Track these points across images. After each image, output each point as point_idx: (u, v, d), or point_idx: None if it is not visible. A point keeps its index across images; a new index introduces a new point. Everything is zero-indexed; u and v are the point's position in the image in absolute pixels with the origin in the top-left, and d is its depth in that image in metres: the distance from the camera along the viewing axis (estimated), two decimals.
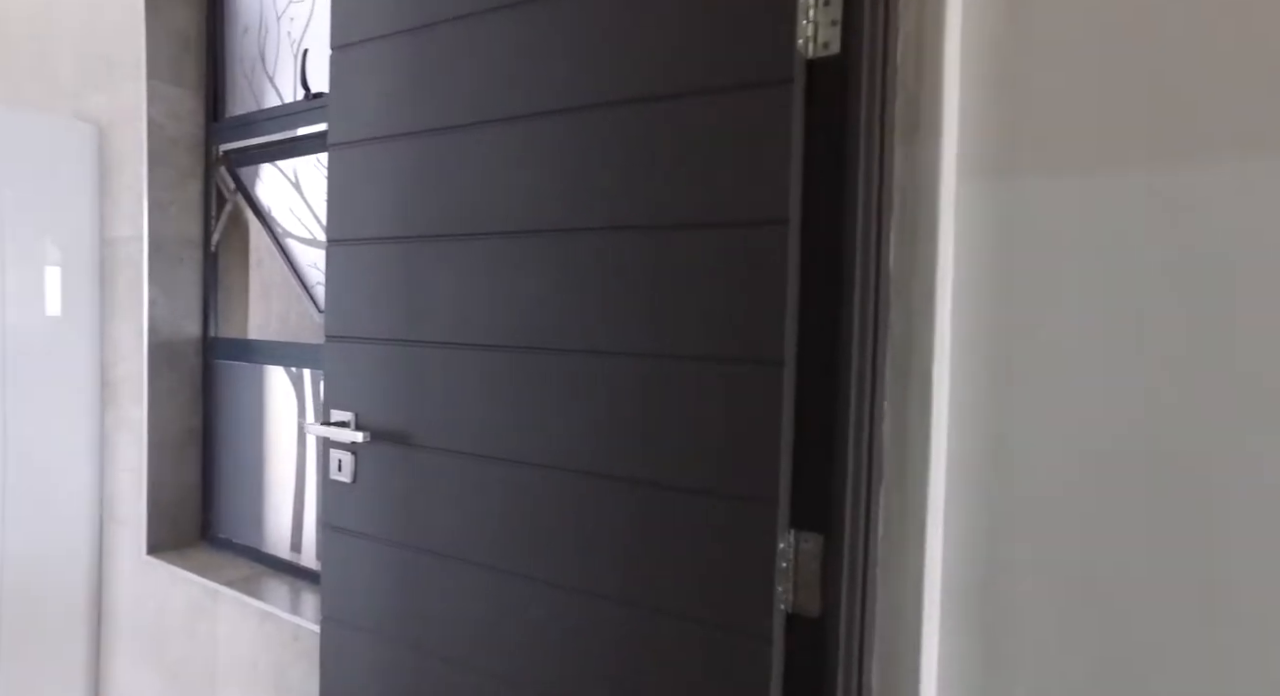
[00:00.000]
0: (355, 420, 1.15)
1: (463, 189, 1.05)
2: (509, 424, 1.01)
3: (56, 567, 1.83)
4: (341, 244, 1.18)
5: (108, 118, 1.86)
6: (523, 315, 0.99)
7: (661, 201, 0.89)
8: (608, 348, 0.92)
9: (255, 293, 1.94)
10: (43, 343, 1.79)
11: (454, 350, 1.05)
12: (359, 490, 1.16)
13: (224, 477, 1.88)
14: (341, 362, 1.17)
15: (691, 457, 0.88)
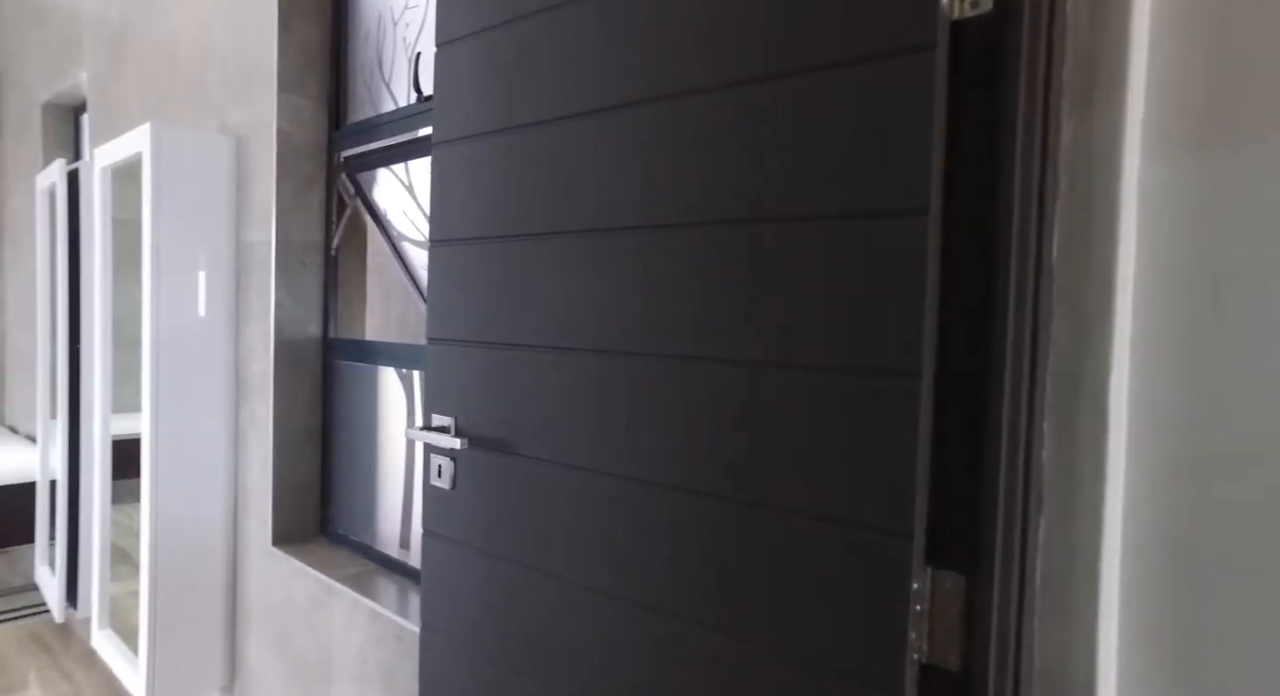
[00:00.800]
0: (455, 425, 1.12)
1: (559, 185, 1.00)
2: (606, 434, 0.95)
3: (200, 550, 1.96)
4: (443, 244, 1.16)
5: (245, 130, 1.97)
6: (619, 317, 0.93)
7: (777, 192, 0.80)
8: (712, 354, 0.84)
9: (375, 295, 2.00)
10: (192, 342, 1.91)
11: (551, 354, 1.00)
12: (457, 497, 1.13)
13: (341, 475, 1.95)
14: (442, 366, 1.15)
15: (809, 480, 0.78)
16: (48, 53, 3.43)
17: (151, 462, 1.86)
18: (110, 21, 2.73)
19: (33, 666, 2.42)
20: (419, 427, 1.12)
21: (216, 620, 2.00)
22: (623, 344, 0.93)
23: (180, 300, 1.90)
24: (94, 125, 2.86)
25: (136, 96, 2.52)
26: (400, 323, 2.05)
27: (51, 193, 2.56)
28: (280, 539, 1.89)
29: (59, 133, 3.53)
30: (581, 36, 0.97)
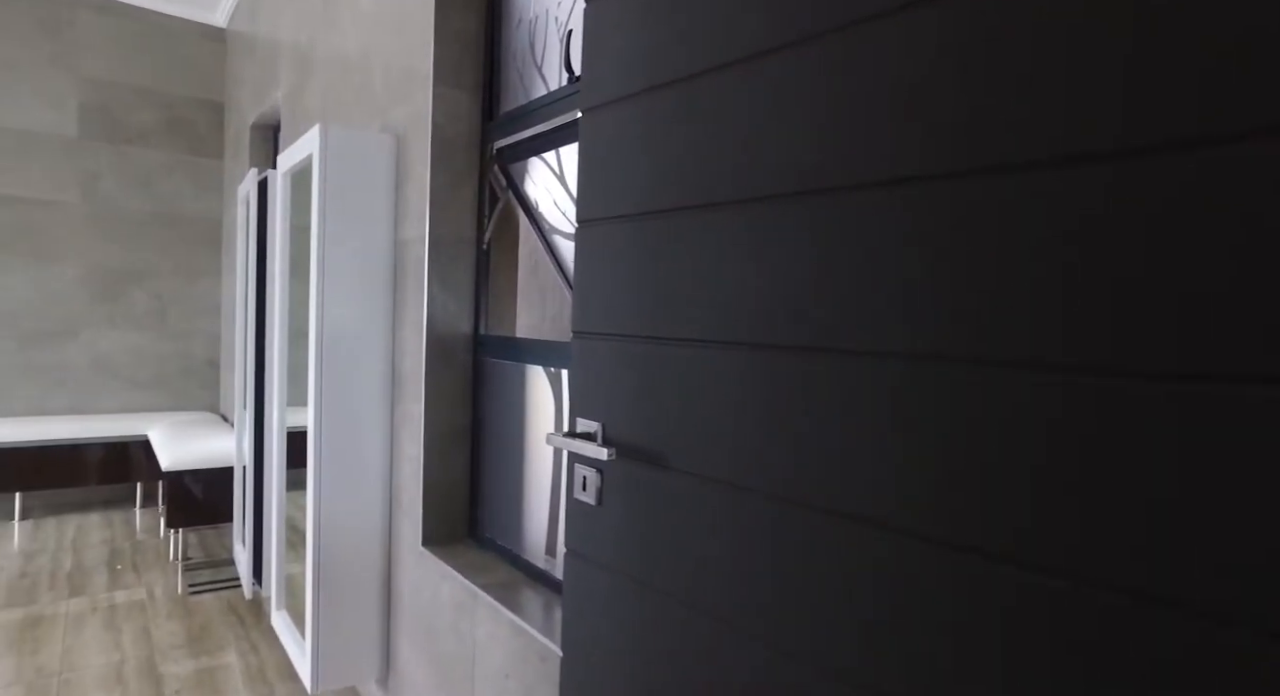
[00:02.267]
0: (601, 432, 0.96)
1: (733, 143, 0.80)
2: (790, 452, 0.74)
3: (358, 544, 1.98)
4: (591, 224, 1.00)
5: (404, 127, 1.97)
6: (812, 303, 0.71)
7: (1062, 123, 0.55)
8: (964, 354, 0.60)
9: (525, 290, 1.92)
10: (353, 339, 1.94)
11: (717, 350, 0.81)
12: (604, 514, 0.97)
13: (489, 477, 1.88)
14: (588, 363, 0.99)
15: (1125, 539, 0.52)
16: (255, 79, 3.78)
17: (315, 457, 1.90)
18: (300, 43, 2.92)
19: (230, 635, 2.61)
20: (563, 433, 0.97)
21: (373, 613, 2.02)
22: (806, 337, 0.72)
23: (343, 298, 1.93)
24: (284, 138, 3.08)
25: (318, 108, 2.66)
26: (555, 320, 1.96)
27: (247, 200, 2.77)
28: (429, 539, 1.86)
29: (262, 149, 3.89)
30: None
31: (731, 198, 0.79)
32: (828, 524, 0.70)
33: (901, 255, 0.64)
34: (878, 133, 0.66)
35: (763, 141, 0.77)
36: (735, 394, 0.79)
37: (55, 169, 4.15)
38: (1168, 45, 0.50)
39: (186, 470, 3.13)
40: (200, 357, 4.62)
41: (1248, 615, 0.46)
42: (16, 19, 4.01)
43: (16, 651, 2.46)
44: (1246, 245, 0.47)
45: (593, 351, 0.98)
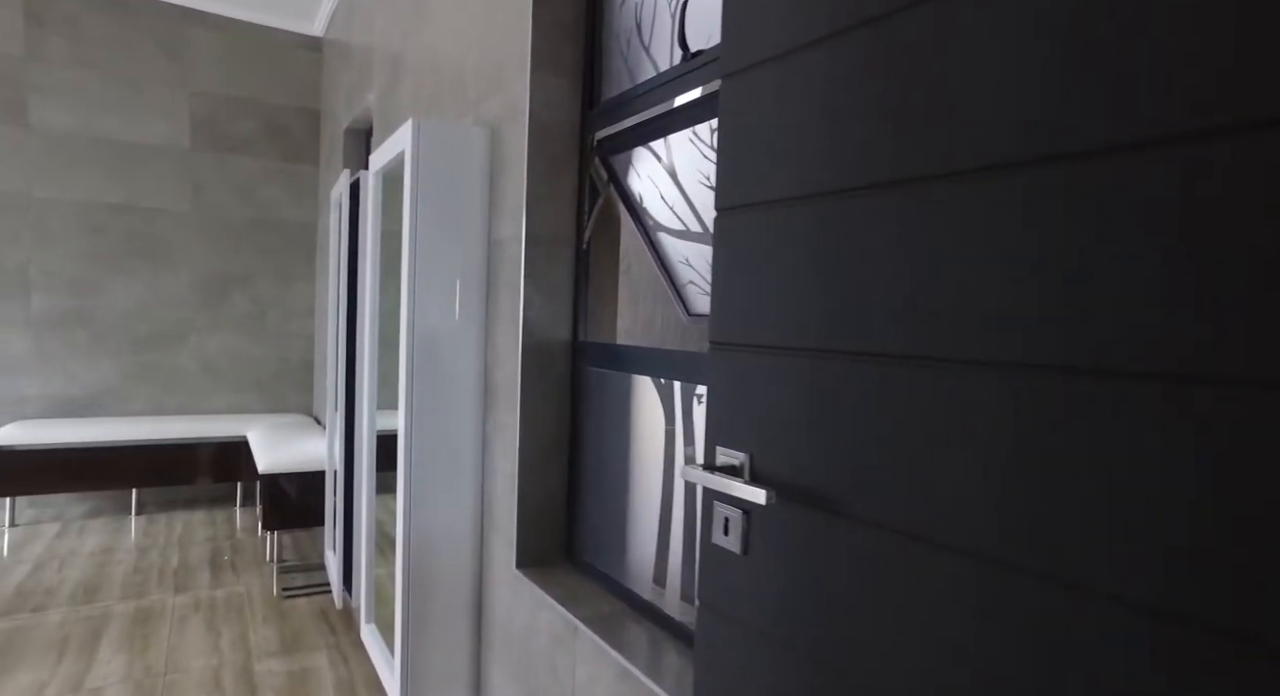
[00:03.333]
0: (749, 465, 0.79)
1: (976, 89, 0.61)
2: (1030, 504, 0.54)
3: (450, 562, 1.88)
4: (737, 212, 0.83)
5: (498, 119, 1.85)
6: (1111, 305, 0.51)
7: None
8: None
9: (631, 294, 1.76)
10: (445, 343, 1.84)
11: (928, 369, 0.62)
12: (751, 565, 0.79)
13: (588, 495, 1.74)
14: (732, 380, 0.82)
15: None
16: (349, 84, 3.80)
17: (405, 470, 1.80)
18: (392, 44, 2.88)
19: (322, 643, 2.58)
20: (700, 466, 0.80)
21: (464, 635, 1.91)
22: (1055, 353, 0.52)
23: (434, 301, 1.83)
24: (376, 140, 3.06)
25: (408, 107, 2.60)
26: (647, 325, 1.80)
27: (339, 203, 2.75)
28: (524, 560, 1.73)
29: (355, 154, 3.91)
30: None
31: (973, 164, 0.59)
32: (1078, 606, 0.50)
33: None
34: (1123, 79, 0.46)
35: (1021, 86, 0.57)
36: (953, 427, 0.60)
37: (169, 179, 4.32)
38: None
39: (281, 473, 3.15)
40: (295, 360, 4.73)
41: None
42: (140, 40, 4.20)
43: (128, 648, 2.49)
44: None
45: (739, 366, 0.81)
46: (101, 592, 2.99)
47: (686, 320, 1.66)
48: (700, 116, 1.44)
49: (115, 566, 3.28)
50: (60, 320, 4.12)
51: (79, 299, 4.15)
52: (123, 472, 3.89)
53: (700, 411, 1.39)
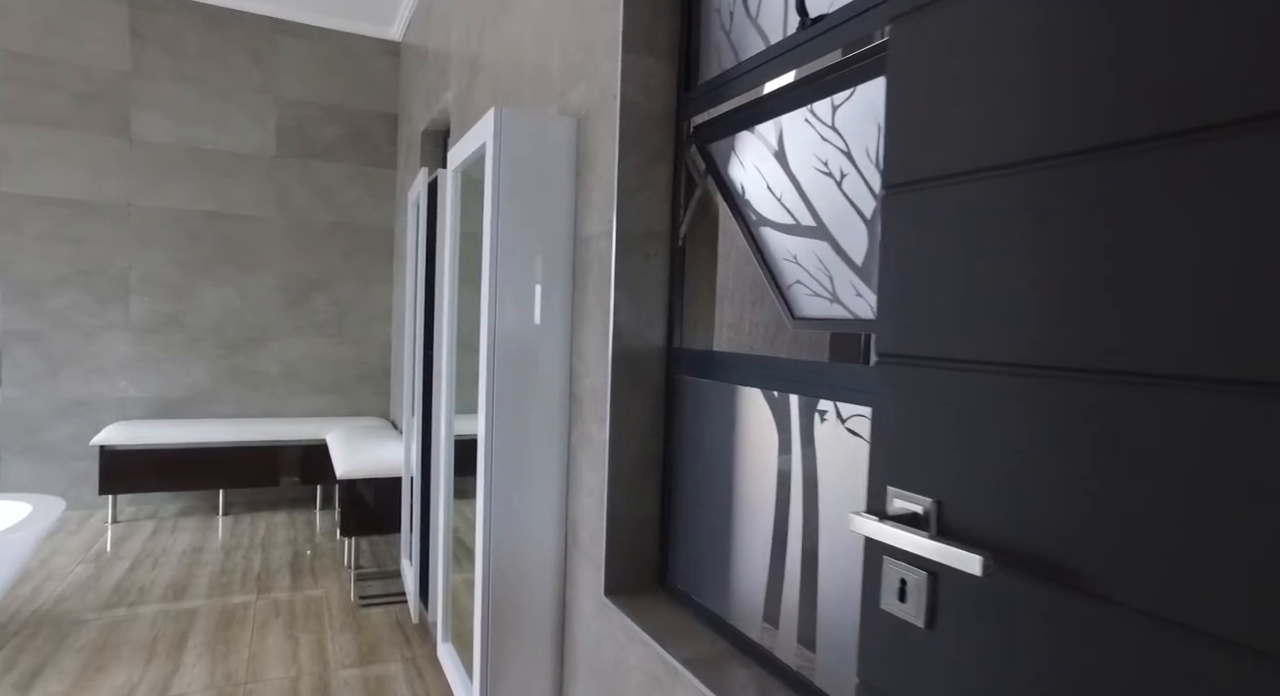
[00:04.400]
0: (936, 515, 0.60)
1: None
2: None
3: (531, 584, 1.75)
4: (919, 189, 0.65)
5: (585, 107, 1.72)
6: None
7: None
8: None
9: (731, 295, 1.60)
10: (528, 348, 1.71)
11: (1235, 396, 0.43)
12: (938, 643, 0.61)
13: (684, 517, 1.57)
14: (912, 403, 0.64)
15: None
16: (426, 86, 3.78)
17: (485, 484, 1.68)
18: (470, 39, 2.80)
19: (398, 656, 2.51)
20: (870, 514, 0.62)
21: (546, 662, 1.77)
22: None
23: (516, 302, 1.71)
24: (453, 138, 2.99)
25: (486, 102, 2.51)
26: (733, 329, 1.63)
27: (417, 203, 2.68)
28: (613, 587, 1.58)
29: (432, 156, 3.89)
30: None
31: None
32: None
33: None
34: None
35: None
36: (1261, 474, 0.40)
37: (257, 186, 4.42)
38: None
39: (359, 478, 3.12)
40: (374, 364, 4.76)
41: None
42: (233, 51, 4.31)
43: (211, 653, 2.49)
44: None
45: (923, 386, 0.63)
46: (189, 592, 3.02)
47: (792, 325, 1.48)
48: (821, 92, 1.25)
49: (202, 567, 3.33)
50: (157, 324, 4.26)
51: (174, 303, 4.29)
52: (212, 473, 3.97)
53: (825, 431, 1.20)
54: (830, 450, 1.20)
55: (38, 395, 4.04)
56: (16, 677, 2.29)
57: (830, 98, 1.25)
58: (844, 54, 1.22)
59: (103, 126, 4.09)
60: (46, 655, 2.44)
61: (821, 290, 1.38)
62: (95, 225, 4.11)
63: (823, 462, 1.21)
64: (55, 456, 4.08)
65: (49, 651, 2.47)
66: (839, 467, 1.18)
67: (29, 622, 2.69)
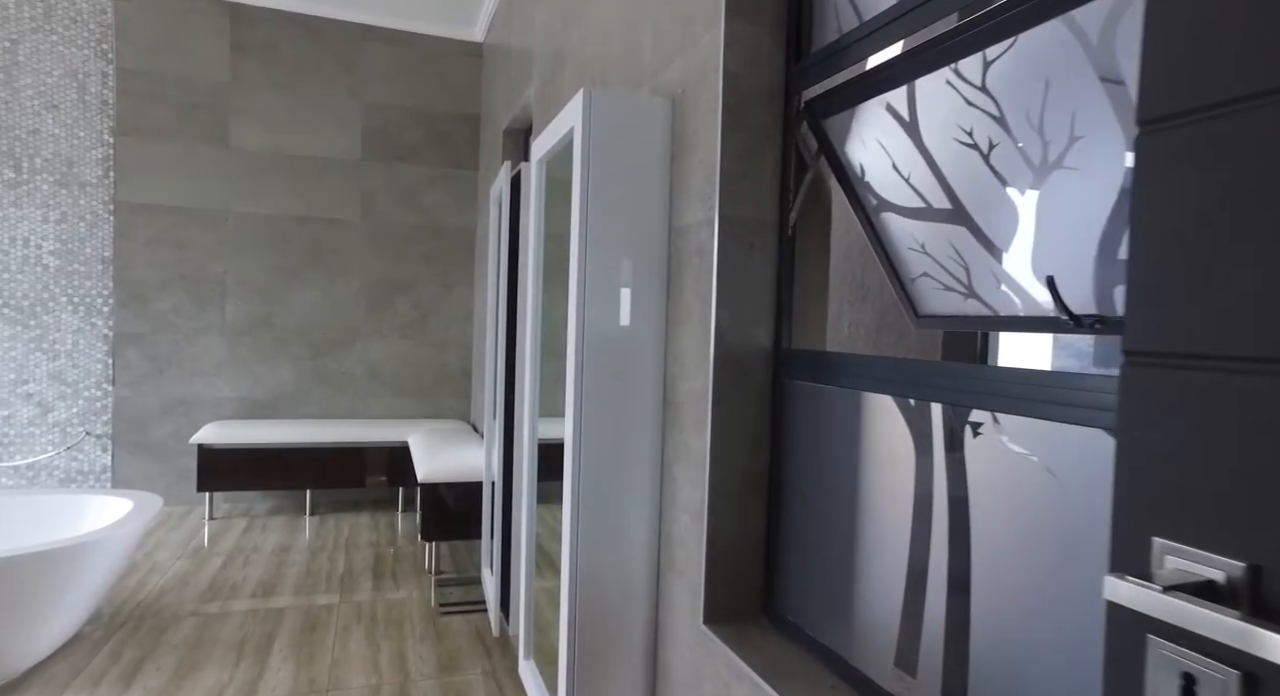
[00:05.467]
0: (1251, 587, 0.42)
1: None
2: None
3: (620, 604, 1.61)
4: (1200, 118, 0.46)
5: (682, 86, 1.57)
6: None
7: None
8: None
9: (847, 290, 1.42)
10: (618, 349, 1.58)
11: None
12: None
13: (794, 538, 1.40)
14: (1195, 426, 0.45)
15: None
16: (508, 83, 3.73)
17: (573, 494, 1.56)
18: (554, 33, 2.71)
19: (478, 669, 2.43)
20: (1139, 579, 0.44)
21: (637, 693, 1.63)
22: None
23: (606, 300, 1.58)
24: (535, 133, 2.91)
25: (572, 92, 2.40)
26: (833, 328, 1.45)
27: (499, 200, 2.61)
28: (714, 614, 1.42)
29: (513, 154, 3.84)
30: None
31: None
32: None
33: None
34: None
35: None
36: None
37: (343, 189, 4.49)
38: None
39: (440, 482, 3.07)
40: (454, 366, 4.77)
41: None
42: (323, 57, 4.41)
43: (295, 657, 2.47)
44: None
45: (1214, 399, 0.44)
46: (277, 592, 3.04)
47: (915, 325, 1.29)
48: (971, 46, 1.06)
49: (289, 566, 3.37)
50: (249, 327, 4.38)
51: (265, 306, 4.40)
52: (299, 474, 4.05)
53: (981, 446, 1.01)
54: (986, 469, 1.00)
55: (144, 394, 4.22)
56: (120, 670, 2.34)
57: (983, 52, 1.06)
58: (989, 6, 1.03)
59: (203, 135, 4.24)
60: (147, 649, 2.49)
61: (955, 283, 1.18)
62: (195, 231, 4.26)
63: (977, 483, 1.01)
64: (160, 453, 4.25)
65: (149, 645, 2.51)
66: (997, 490, 0.99)
67: (133, 615, 2.76)
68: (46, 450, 4.09)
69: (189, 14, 4.19)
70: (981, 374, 1.00)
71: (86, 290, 4.13)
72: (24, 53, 3.98)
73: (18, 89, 3.98)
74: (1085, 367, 0.98)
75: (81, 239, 4.10)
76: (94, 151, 4.10)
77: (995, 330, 1.17)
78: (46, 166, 4.04)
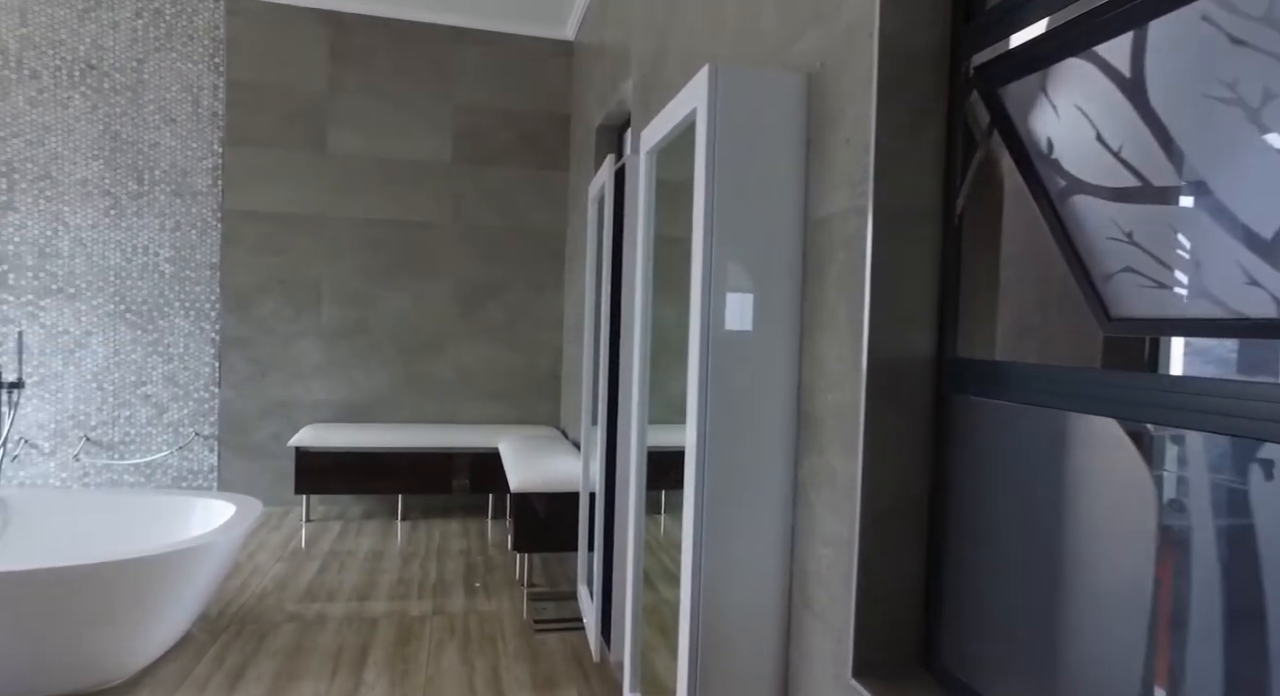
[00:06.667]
0: None
1: None
2: None
3: (744, 642, 1.43)
4: None
5: (819, 58, 1.38)
6: None
7: None
8: None
9: (1026, 288, 1.19)
10: (739, 359, 1.40)
11: None
12: None
13: (964, 579, 1.18)
14: None
15: None
16: (602, 79, 3.62)
17: (695, 518, 1.39)
18: (655, 19, 2.57)
19: (575, 693, 2.29)
20: None
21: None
22: None
23: (732, 302, 1.40)
24: (634, 127, 2.77)
25: (679, 79, 2.24)
26: (1006, 334, 1.22)
27: (600, 199, 2.48)
28: (865, 666, 1.22)
29: (606, 152, 3.72)
30: None
31: None
32: None
33: None
34: None
35: None
36: None
37: (434, 193, 4.50)
38: None
39: (533, 492, 2.97)
40: (543, 371, 4.70)
41: None
42: (417, 62, 4.44)
43: (390, 671, 2.41)
44: None
45: None
46: (371, 600, 3.01)
47: (1105, 329, 1.05)
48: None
49: (382, 573, 3.34)
50: (345, 330, 4.44)
51: (360, 310, 4.45)
52: (393, 478, 4.05)
53: (1276, 493, 0.78)
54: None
55: (247, 397, 4.33)
56: (223, 676, 2.33)
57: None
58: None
59: (303, 143, 4.33)
60: (248, 655, 2.48)
61: (1174, 279, 0.94)
62: (294, 236, 4.35)
63: (1270, 553, 0.78)
64: (261, 455, 4.35)
65: (251, 651, 2.51)
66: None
67: (236, 618, 2.78)
68: (162, 449, 4.26)
69: (291, 25, 4.29)
70: (1155, 390, 0.77)
71: (196, 295, 4.27)
72: (148, 71, 4.16)
73: (142, 105, 4.17)
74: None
75: (192, 246, 4.26)
76: (204, 162, 4.25)
77: (1238, 337, 0.92)
78: (164, 178, 4.21)
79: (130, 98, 4.15)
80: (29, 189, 4.05)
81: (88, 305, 4.15)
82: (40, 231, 4.08)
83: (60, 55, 4.06)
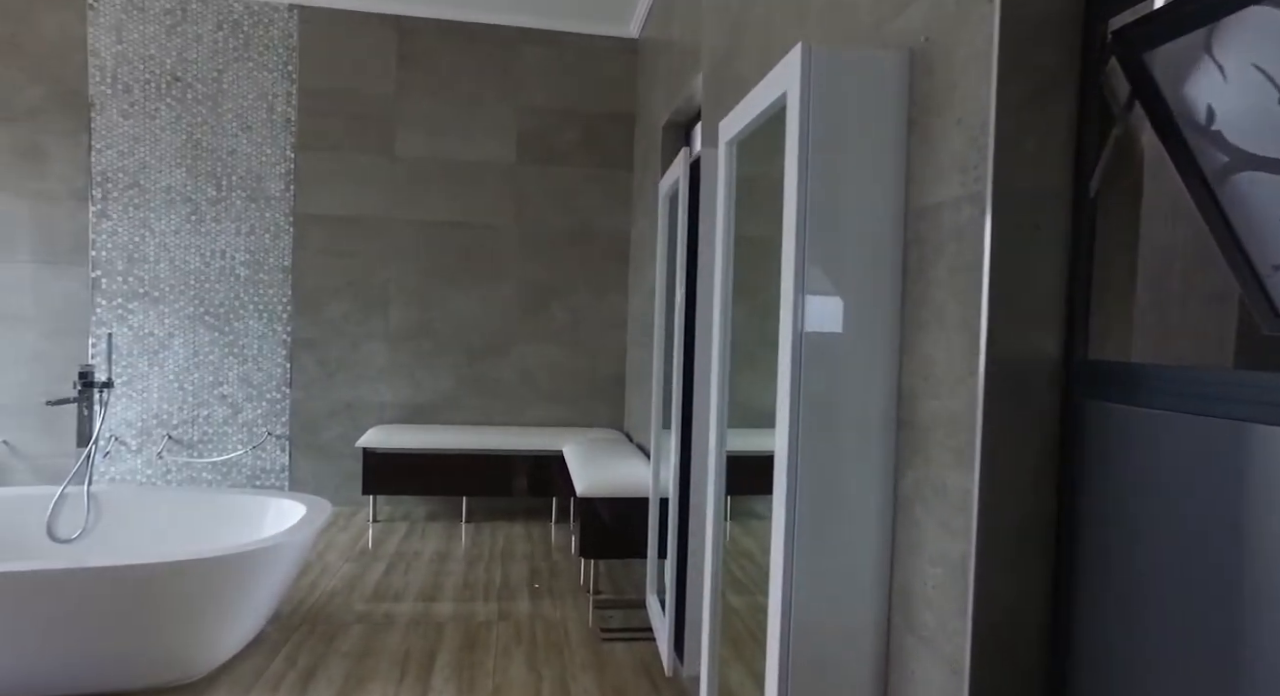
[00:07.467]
0: None
1: None
2: None
3: (838, 666, 1.32)
4: None
5: (923, 31, 1.27)
6: None
7: None
8: None
9: (1177, 281, 1.06)
10: (833, 363, 1.30)
11: None
12: None
13: (1100, 607, 1.05)
14: None
15: None
16: (668, 75, 3.54)
17: (786, 532, 1.29)
18: (728, 8, 2.47)
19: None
20: None
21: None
22: None
23: (826, 300, 1.30)
24: (705, 123, 2.68)
25: (756, 67, 2.14)
26: (1145, 334, 1.08)
27: (672, 195, 2.39)
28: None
29: (672, 152, 3.64)
30: None
31: None
32: None
33: None
34: None
35: None
36: None
37: (498, 194, 4.51)
38: None
39: (600, 497, 2.90)
40: (607, 373, 4.65)
41: None
42: (480, 62, 4.46)
43: (457, 679, 2.38)
44: None
45: None
46: (437, 603, 3.00)
47: (1267, 328, 0.91)
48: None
49: (447, 576, 3.34)
50: (410, 332, 4.49)
51: (425, 312, 4.49)
52: (457, 479, 4.06)
53: None
54: None
55: (316, 397, 4.42)
56: (296, 676, 2.34)
57: None
58: None
59: (370, 146, 4.40)
60: (319, 655, 2.49)
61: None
62: (362, 239, 4.42)
63: None
64: (329, 455, 4.43)
65: (321, 651, 2.52)
66: None
67: (307, 617, 2.80)
68: (237, 449, 4.38)
69: (360, 30, 4.36)
70: None
71: (269, 298, 4.38)
72: (227, 80, 4.30)
73: (221, 114, 4.30)
74: None
75: (266, 249, 4.37)
76: (277, 167, 4.36)
77: None
78: (240, 183, 4.33)
79: (210, 107, 4.29)
80: (120, 197, 4.23)
81: (170, 308, 4.31)
82: (129, 237, 4.25)
83: (150, 69, 4.23)
